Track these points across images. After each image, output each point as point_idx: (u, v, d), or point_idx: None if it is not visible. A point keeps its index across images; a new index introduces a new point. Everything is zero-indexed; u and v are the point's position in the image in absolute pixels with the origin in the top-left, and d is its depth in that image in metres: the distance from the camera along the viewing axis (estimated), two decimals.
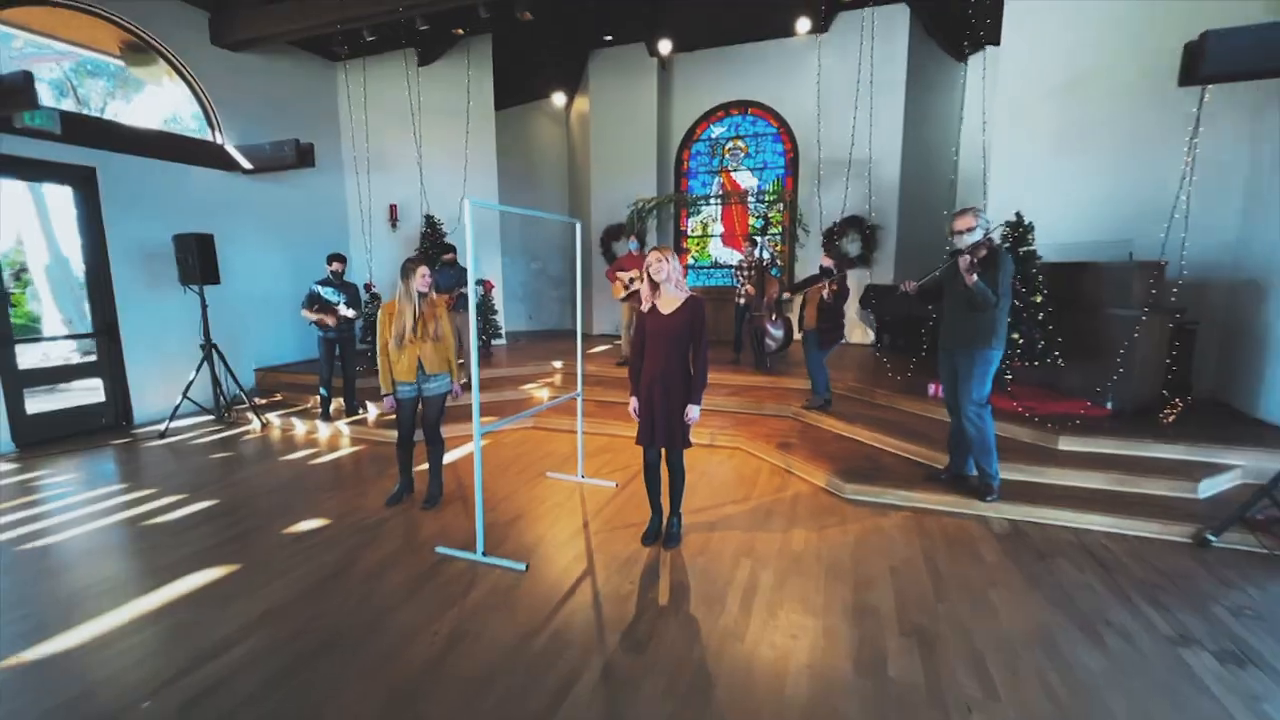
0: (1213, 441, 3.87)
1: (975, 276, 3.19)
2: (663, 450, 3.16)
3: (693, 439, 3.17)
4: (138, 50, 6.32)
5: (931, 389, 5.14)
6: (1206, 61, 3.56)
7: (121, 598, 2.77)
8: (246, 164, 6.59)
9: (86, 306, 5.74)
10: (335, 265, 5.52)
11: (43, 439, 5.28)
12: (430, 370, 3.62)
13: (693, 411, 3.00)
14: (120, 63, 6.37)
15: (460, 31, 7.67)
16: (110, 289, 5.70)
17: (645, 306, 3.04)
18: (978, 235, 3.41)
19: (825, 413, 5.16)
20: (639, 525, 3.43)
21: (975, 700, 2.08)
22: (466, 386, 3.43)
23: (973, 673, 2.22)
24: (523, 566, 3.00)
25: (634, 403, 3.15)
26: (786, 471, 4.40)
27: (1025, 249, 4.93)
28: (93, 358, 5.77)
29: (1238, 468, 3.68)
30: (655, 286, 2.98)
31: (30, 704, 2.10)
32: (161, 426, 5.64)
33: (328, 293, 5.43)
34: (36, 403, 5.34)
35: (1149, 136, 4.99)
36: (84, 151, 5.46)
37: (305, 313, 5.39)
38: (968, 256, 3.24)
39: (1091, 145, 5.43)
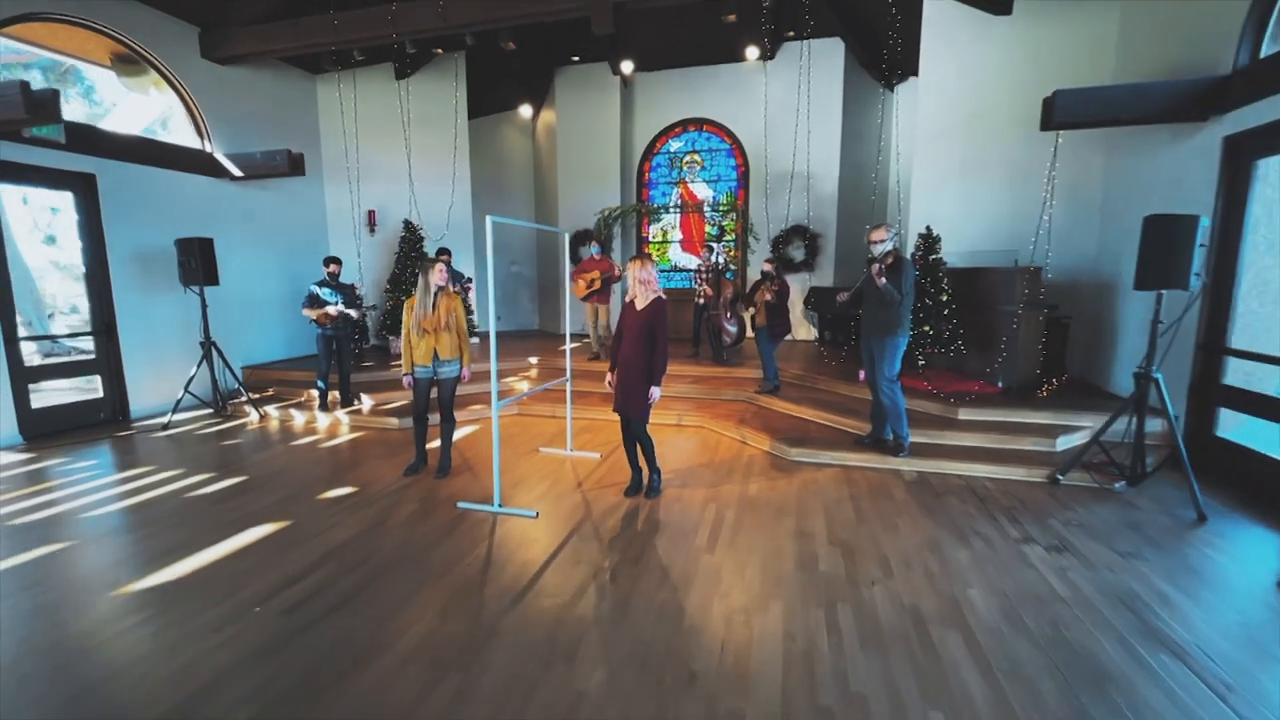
0: (1071, 409, 4.92)
1: (884, 279, 4.10)
2: (630, 422, 3.90)
3: (663, 420, 3.92)
4: (128, 61, 6.62)
5: (861, 375, 6.08)
6: (1056, 113, 4.62)
7: (199, 547, 3.30)
8: (237, 171, 6.95)
9: (86, 305, 6.01)
10: (332, 267, 6.02)
11: (47, 432, 5.56)
12: (444, 356, 4.24)
13: (654, 393, 3.74)
14: (111, 72, 6.64)
15: (439, 51, 8.20)
16: (109, 290, 5.99)
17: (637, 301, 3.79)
18: (889, 245, 4.32)
19: (774, 396, 6.03)
20: (623, 484, 4.17)
21: (879, 579, 2.92)
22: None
23: (878, 565, 3.07)
24: (534, 514, 3.69)
25: (610, 378, 3.89)
26: (742, 442, 5.24)
27: (934, 256, 5.94)
28: (90, 356, 6.04)
29: (1086, 428, 4.73)
30: (637, 285, 3.73)
31: (165, 614, 2.65)
32: (163, 419, 5.98)
33: (325, 293, 5.91)
34: (38, 398, 5.59)
35: (1027, 167, 6.09)
36: (85, 159, 5.76)
37: (306, 311, 5.85)
38: (878, 264, 4.14)
39: (987, 171, 6.53)
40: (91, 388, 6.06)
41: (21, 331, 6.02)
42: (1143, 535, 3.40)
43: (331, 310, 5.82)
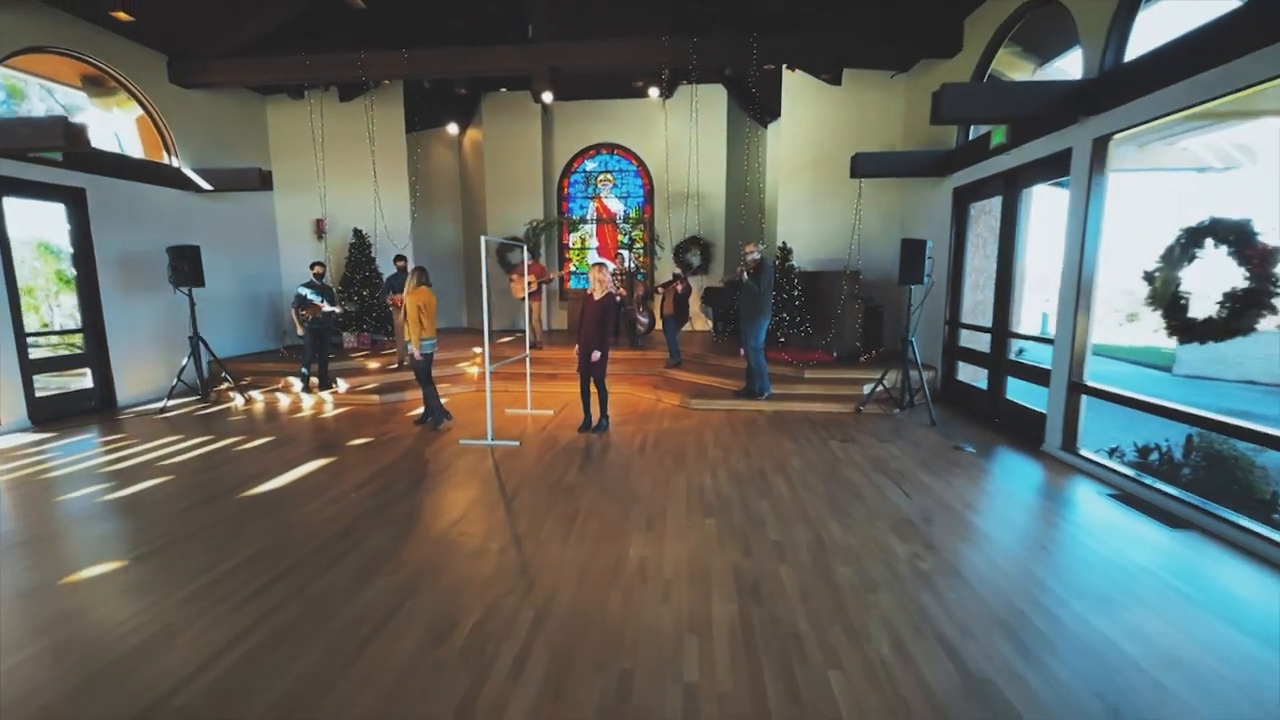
0: (876, 368, 7.23)
1: (746, 277, 6.10)
2: (591, 379, 5.61)
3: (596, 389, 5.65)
4: (96, 83, 7.27)
5: (741, 352, 8.16)
6: (858, 168, 6.89)
7: (278, 474, 4.56)
8: (206, 185, 7.77)
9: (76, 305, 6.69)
10: (317, 269, 7.13)
11: (49, 417, 6.24)
12: (406, 336, 5.65)
13: (596, 355, 5.46)
14: (83, 94, 7.26)
15: (388, 82, 9.33)
16: (97, 291, 6.71)
17: (598, 295, 5.47)
18: (757, 255, 6.33)
19: (679, 369, 7.94)
20: (576, 426, 5.84)
21: (739, 459, 4.84)
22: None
23: (742, 453, 5.00)
24: (517, 443, 5.28)
25: (576, 348, 5.58)
26: (657, 400, 7.09)
27: (789, 264, 8.15)
28: (80, 351, 6.71)
29: (882, 380, 7.04)
30: (598, 283, 5.43)
31: (292, 500, 3.98)
32: (159, 405, 6.80)
33: (311, 294, 7.02)
34: (39, 388, 6.25)
35: (849, 200, 8.45)
36: (75, 174, 6.47)
37: (300, 311, 6.92)
38: (744, 268, 6.15)
39: (828, 200, 8.86)
40: (82, 379, 6.73)
41: None
42: (898, 434, 5.62)
43: (325, 308, 6.95)
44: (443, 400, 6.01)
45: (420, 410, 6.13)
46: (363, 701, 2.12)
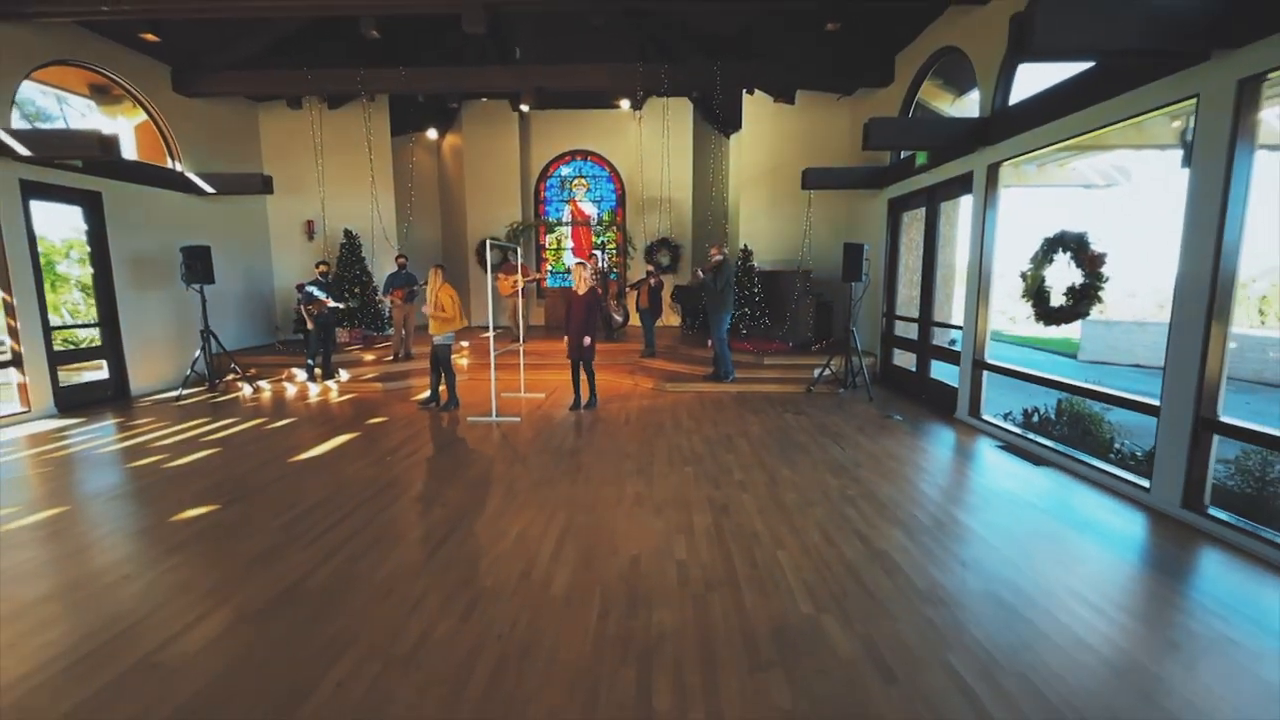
0: (824, 355, 8.31)
1: (702, 275, 7.08)
2: (580, 363, 6.47)
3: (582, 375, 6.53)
4: (102, 91, 7.70)
5: (709, 343, 9.14)
6: (808, 181, 7.94)
7: (312, 445, 5.26)
8: (209, 189, 8.26)
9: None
10: (322, 268, 7.75)
11: (71, 405, 6.71)
12: (432, 331, 6.41)
13: (587, 340, 6.33)
14: (90, 102, 7.68)
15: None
16: (112, 288, 7.18)
17: (581, 290, 6.32)
18: (721, 257, 7.30)
19: (653, 359, 8.86)
20: (566, 406, 6.69)
21: (709, 427, 5.79)
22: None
23: (711, 423, 5.95)
24: (518, 419, 6.10)
25: (566, 339, 6.42)
26: (635, 384, 8.00)
27: (750, 264, 9.17)
28: (98, 344, 7.17)
29: (829, 364, 8.12)
30: (581, 280, 6.29)
31: (338, 462, 4.71)
32: (174, 393, 7.32)
33: (317, 291, 7.64)
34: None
35: (803, 207, 9.53)
36: (91, 179, 6.93)
37: (306, 307, 7.53)
38: (704, 269, 7.12)
39: (784, 207, 9.92)
40: (98, 370, 7.20)
41: None
42: (841, 408, 6.68)
43: (329, 304, 7.58)
44: (435, 390, 6.75)
45: (425, 394, 6.87)
46: (448, 579, 2.95)
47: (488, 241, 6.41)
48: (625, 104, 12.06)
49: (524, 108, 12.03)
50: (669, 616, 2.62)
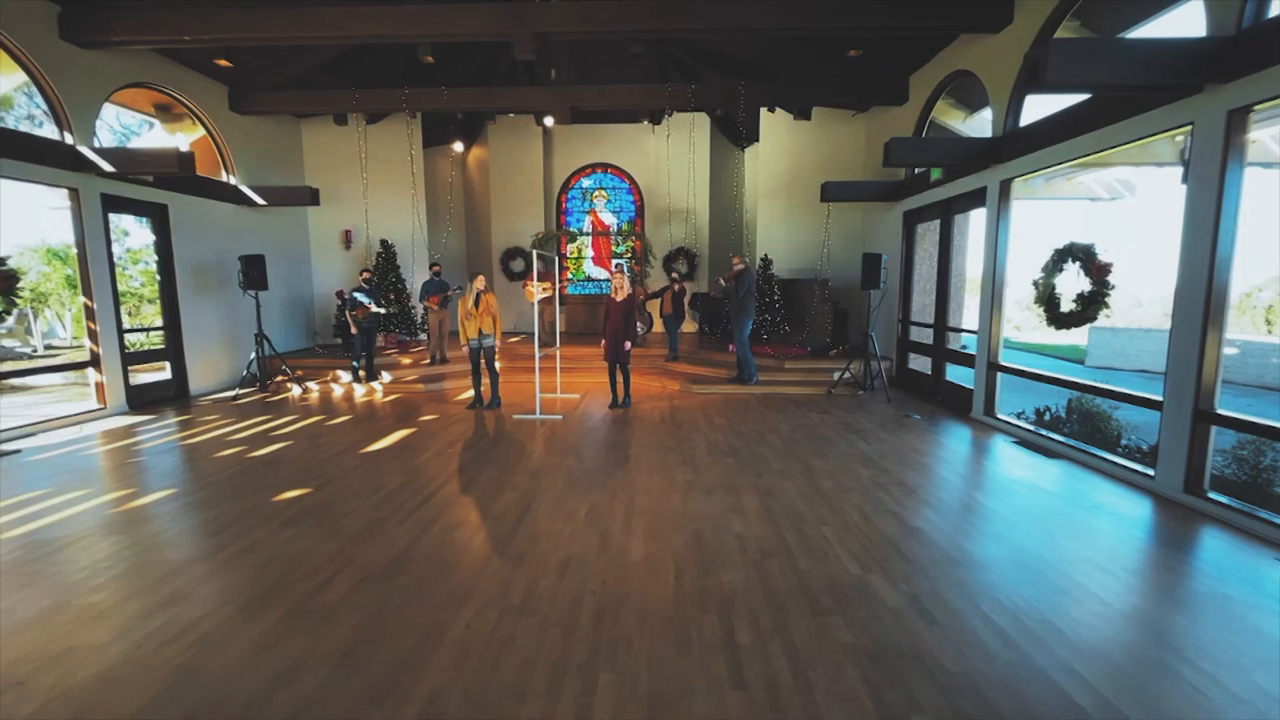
0: (842, 359, 8.72)
1: (724, 283, 7.52)
2: (617, 365, 6.89)
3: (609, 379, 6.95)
4: (164, 109, 8.22)
5: (730, 347, 9.55)
6: (826, 194, 8.39)
7: (377, 439, 5.69)
8: (260, 200, 8.76)
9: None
10: (365, 275, 8.22)
11: (140, 404, 7.16)
12: (486, 331, 6.86)
13: (628, 345, 6.76)
14: (155, 120, 8.20)
15: (419, 112, 10.45)
16: (175, 294, 7.65)
17: (619, 297, 6.76)
18: (741, 267, 7.73)
19: (677, 362, 9.29)
20: (604, 405, 7.10)
21: (740, 424, 6.20)
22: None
23: (742, 423, 6.35)
24: (560, 417, 6.52)
25: (603, 343, 6.85)
26: (662, 386, 8.42)
27: (770, 272, 9.61)
28: (161, 347, 7.64)
29: (848, 368, 8.53)
30: (617, 288, 6.73)
31: (404, 454, 5.13)
32: (231, 393, 7.77)
33: (363, 297, 8.10)
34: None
35: (820, 218, 9.98)
36: (159, 192, 7.42)
37: (353, 313, 7.99)
38: (724, 279, 7.56)
39: (799, 217, 10.37)
40: (161, 371, 7.66)
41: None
42: (861, 408, 7.08)
43: (373, 309, 8.04)
44: (478, 390, 7.18)
45: (470, 393, 7.30)
46: (537, 548, 3.36)
47: (534, 252, 6.85)
48: (645, 119, 12.57)
49: (549, 122, 12.53)
50: (737, 577, 3.03)
